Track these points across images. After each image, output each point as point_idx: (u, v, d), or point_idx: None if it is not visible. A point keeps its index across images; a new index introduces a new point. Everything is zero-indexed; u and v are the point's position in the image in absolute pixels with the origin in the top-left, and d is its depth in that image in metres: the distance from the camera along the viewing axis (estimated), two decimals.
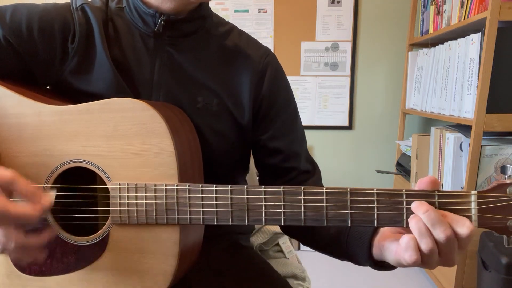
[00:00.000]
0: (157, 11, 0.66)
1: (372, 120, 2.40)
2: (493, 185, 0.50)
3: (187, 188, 0.56)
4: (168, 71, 0.69)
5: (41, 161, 0.60)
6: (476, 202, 0.50)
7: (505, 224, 0.49)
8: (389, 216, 0.51)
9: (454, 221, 0.48)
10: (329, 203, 0.53)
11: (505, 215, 0.49)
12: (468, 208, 0.50)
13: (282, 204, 0.54)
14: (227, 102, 0.71)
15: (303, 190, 0.53)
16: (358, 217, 0.52)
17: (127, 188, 0.58)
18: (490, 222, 0.50)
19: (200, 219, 0.56)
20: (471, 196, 0.50)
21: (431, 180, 0.51)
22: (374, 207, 0.52)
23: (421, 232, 0.48)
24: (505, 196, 0.49)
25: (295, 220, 0.54)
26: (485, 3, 1.48)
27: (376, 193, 0.51)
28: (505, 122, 1.40)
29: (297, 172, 0.75)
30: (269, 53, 0.76)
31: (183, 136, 0.61)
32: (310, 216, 0.53)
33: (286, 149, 0.74)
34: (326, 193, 0.53)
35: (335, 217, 0.53)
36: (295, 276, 0.94)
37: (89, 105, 0.59)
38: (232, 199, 0.55)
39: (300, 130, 0.79)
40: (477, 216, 0.50)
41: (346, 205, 0.52)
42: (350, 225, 0.53)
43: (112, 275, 0.60)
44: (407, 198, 0.50)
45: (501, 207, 0.49)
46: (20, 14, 0.64)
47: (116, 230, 0.59)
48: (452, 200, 0.50)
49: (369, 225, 0.52)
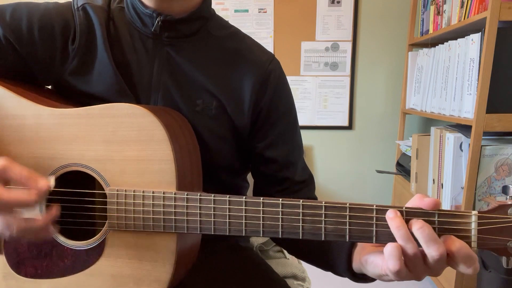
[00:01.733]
0: (154, 12, 0.65)
1: (372, 120, 2.39)
2: (494, 206, 0.49)
3: (185, 197, 0.56)
4: (167, 73, 0.68)
5: (40, 163, 0.60)
6: (476, 223, 0.49)
7: (505, 246, 0.49)
8: (388, 233, 0.50)
9: (462, 255, 0.47)
10: (328, 217, 0.52)
11: (505, 237, 0.49)
12: (468, 229, 0.49)
13: (280, 217, 0.53)
14: (227, 106, 0.70)
15: (301, 204, 0.53)
16: (356, 233, 0.52)
17: (125, 194, 0.57)
18: (490, 243, 0.49)
19: (197, 228, 0.56)
20: (471, 216, 0.49)
21: (432, 203, 0.50)
22: (373, 224, 0.51)
23: (404, 238, 0.48)
24: (506, 218, 0.49)
25: (292, 233, 0.53)
26: (485, 3, 1.48)
27: (376, 209, 0.51)
28: (505, 122, 1.40)
29: (291, 182, 0.74)
30: (273, 59, 0.74)
31: (182, 142, 0.60)
32: (308, 230, 0.53)
33: (282, 158, 0.73)
34: (325, 207, 0.52)
35: (333, 232, 0.52)
36: (295, 276, 0.94)
37: (88, 109, 0.59)
38: (230, 209, 0.55)
39: (298, 140, 0.78)
40: (477, 237, 0.49)
41: (344, 220, 0.52)
42: (348, 240, 0.52)
43: (108, 280, 0.60)
44: (407, 216, 0.50)
45: (501, 228, 0.49)
46: (21, 13, 0.64)
47: (113, 236, 0.59)
48: (452, 220, 0.49)
49: (367, 241, 0.52)
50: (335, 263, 0.62)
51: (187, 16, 0.67)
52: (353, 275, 0.61)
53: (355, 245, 0.60)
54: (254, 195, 0.81)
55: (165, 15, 0.66)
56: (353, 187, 2.46)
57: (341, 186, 2.46)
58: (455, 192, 1.59)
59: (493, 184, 1.47)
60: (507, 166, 1.46)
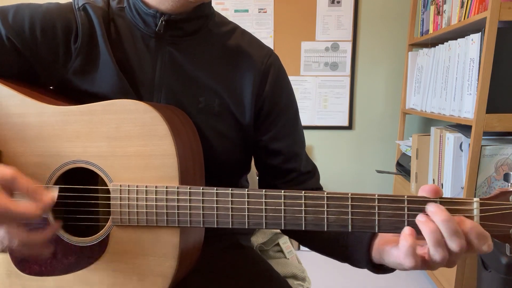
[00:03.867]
0: (157, 11, 0.66)
1: (372, 120, 2.40)
2: (496, 193, 0.49)
3: (187, 191, 0.56)
4: (170, 71, 0.69)
5: (43, 161, 0.60)
6: (478, 209, 0.49)
7: (507, 233, 0.49)
8: (390, 222, 0.51)
9: (474, 234, 0.47)
10: (330, 208, 0.52)
11: (507, 223, 0.48)
12: (470, 216, 0.49)
13: (283, 208, 0.53)
14: (229, 102, 0.70)
15: (304, 195, 0.53)
16: (358, 223, 0.52)
17: (128, 189, 0.58)
18: (492, 230, 0.49)
19: (200, 221, 0.56)
20: (473, 203, 0.49)
21: (433, 189, 0.50)
22: (375, 213, 0.51)
23: (437, 242, 0.47)
24: (508, 204, 0.48)
25: (295, 225, 0.53)
26: (485, 3, 1.48)
27: (378, 198, 0.51)
28: (505, 122, 1.40)
29: (297, 173, 0.75)
30: (272, 54, 0.75)
31: (184, 138, 0.61)
32: (311, 220, 0.53)
33: (287, 150, 0.74)
34: (327, 198, 0.52)
35: (335, 222, 0.52)
36: (295, 276, 0.95)
37: (91, 106, 0.60)
38: (233, 202, 0.55)
39: (300, 131, 0.79)
40: (479, 224, 0.49)
41: (347, 210, 0.52)
42: (350, 230, 0.52)
43: (112, 276, 0.60)
44: (408, 204, 0.50)
45: (503, 215, 0.48)
46: (23, 14, 0.64)
47: (117, 231, 0.59)
48: (454, 207, 0.49)
49: (370, 230, 0.52)
50: (354, 254, 0.62)
51: (189, 15, 0.68)
52: (373, 267, 0.60)
53: (375, 236, 0.59)
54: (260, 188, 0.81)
55: (168, 14, 0.66)
56: (353, 187, 2.46)
57: (341, 186, 2.46)
58: (455, 192, 1.59)
59: (493, 184, 1.47)
60: (507, 166, 1.46)
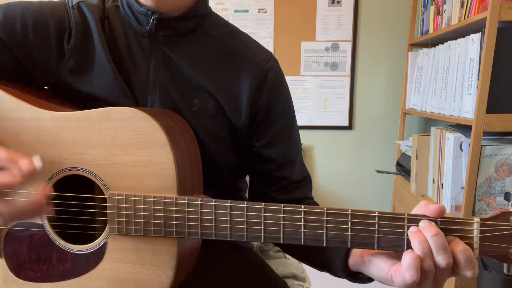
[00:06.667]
0: (149, 10, 0.64)
1: (372, 120, 2.39)
2: (496, 213, 0.50)
3: (186, 202, 0.55)
4: (164, 72, 0.67)
5: None
6: (478, 230, 0.49)
7: (507, 253, 0.49)
8: (389, 239, 0.51)
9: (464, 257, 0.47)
10: (330, 224, 0.52)
11: (507, 244, 0.49)
12: (470, 236, 0.49)
13: (282, 222, 0.53)
14: (224, 105, 0.69)
15: (303, 210, 0.52)
16: (358, 239, 0.52)
17: (125, 199, 0.57)
18: (492, 250, 0.49)
19: (198, 233, 0.56)
20: (473, 223, 0.49)
21: (437, 210, 0.49)
22: (375, 230, 0.51)
23: (425, 252, 0.47)
24: (508, 225, 0.49)
25: (294, 239, 0.53)
26: (485, 3, 1.48)
27: (378, 216, 0.51)
28: (505, 122, 1.40)
29: (287, 181, 0.74)
30: (271, 57, 0.73)
31: (183, 146, 0.60)
32: (310, 236, 0.53)
33: (280, 157, 0.73)
34: (327, 214, 0.52)
35: (335, 238, 0.52)
36: (295, 276, 0.94)
37: (88, 113, 0.59)
38: (231, 215, 0.54)
39: (296, 139, 0.77)
40: (479, 244, 0.49)
41: (346, 226, 0.52)
42: (350, 246, 0.52)
43: (108, 285, 0.60)
44: (408, 222, 0.50)
45: (503, 235, 0.49)
46: (14, 13, 0.63)
47: (113, 240, 0.59)
48: (454, 227, 0.49)
49: (369, 248, 0.52)
50: (332, 261, 0.62)
51: (182, 14, 0.67)
52: (349, 274, 0.60)
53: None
54: (249, 194, 0.80)
55: (160, 13, 0.65)
56: (353, 187, 2.46)
57: (341, 186, 2.46)
58: (455, 192, 1.59)
59: (493, 184, 1.46)
60: (507, 166, 1.46)
